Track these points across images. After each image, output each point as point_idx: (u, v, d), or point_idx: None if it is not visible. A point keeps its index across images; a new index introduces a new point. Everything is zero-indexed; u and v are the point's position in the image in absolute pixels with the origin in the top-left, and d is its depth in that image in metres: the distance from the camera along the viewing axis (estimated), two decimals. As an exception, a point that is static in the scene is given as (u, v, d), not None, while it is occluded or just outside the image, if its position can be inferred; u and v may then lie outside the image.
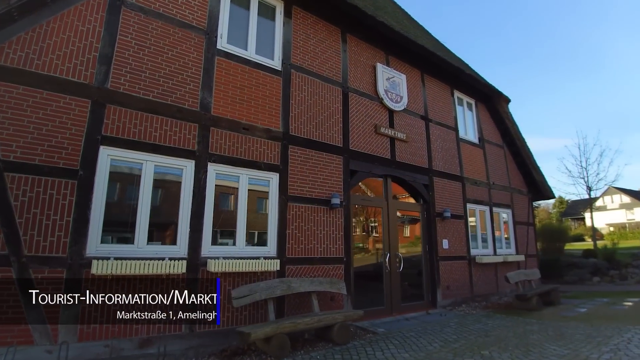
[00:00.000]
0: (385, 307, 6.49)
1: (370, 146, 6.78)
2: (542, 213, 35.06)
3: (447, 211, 7.71)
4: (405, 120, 7.59)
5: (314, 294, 5.19)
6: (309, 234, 5.59)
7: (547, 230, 14.27)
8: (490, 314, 6.73)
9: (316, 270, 5.58)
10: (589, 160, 16.43)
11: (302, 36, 6.25)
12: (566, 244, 14.21)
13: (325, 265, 5.69)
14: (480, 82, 9.17)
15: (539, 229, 14.96)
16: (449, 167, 8.32)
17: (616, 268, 11.58)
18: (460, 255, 8.02)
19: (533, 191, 10.80)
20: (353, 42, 7.03)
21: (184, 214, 4.65)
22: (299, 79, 6.02)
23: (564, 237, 13.92)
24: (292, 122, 5.77)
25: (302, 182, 5.68)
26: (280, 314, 5.09)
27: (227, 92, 5.23)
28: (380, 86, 7.11)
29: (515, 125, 10.13)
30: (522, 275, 7.69)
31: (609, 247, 12.95)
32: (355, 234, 6.82)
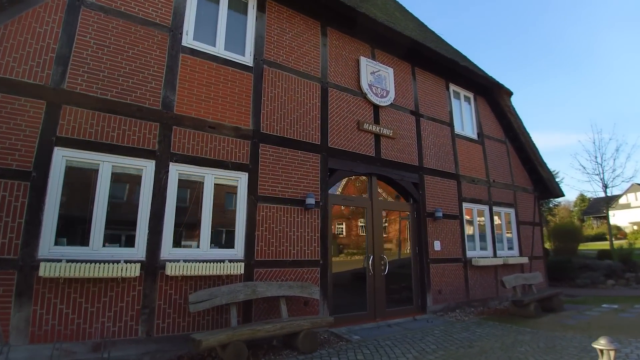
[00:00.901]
0: (368, 312, 6.13)
1: (352, 143, 6.43)
2: (563, 211, 33.24)
3: (439, 211, 7.24)
4: (392, 115, 7.18)
5: (282, 299, 4.91)
6: (280, 236, 5.31)
7: (560, 230, 13.37)
8: (483, 321, 6.24)
9: (288, 274, 5.29)
10: (605, 155, 15.41)
11: (276, 31, 5.98)
12: (580, 244, 13.25)
13: (298, 268, 5.40)
14: (478, 74, 8.62)
15: (551, 228, 14.10)
16: (442, 165, 7.83)
17: (632, 270, 10.67)
18: (455, 258, 7.53)
19: (540, 189, 10.09)
20: (334, 36, 6.69)
21: (143, 216, 4.47)
22: (273, 74, 5.75)
23: (577, 237, 12.99)
24: (263, 120, 5.51)
25: (274, 181, 5.41)
26: (247, 319, 4.85)
27: (192, 90, 5.03)
28: (363, 81, 6.74)
29: (518, 119, 9.48)
30: (521, 279, 7.12)
31: (625, 247, 11.94)
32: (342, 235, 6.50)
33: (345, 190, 6.85)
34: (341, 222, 6.72)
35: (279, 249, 5.28)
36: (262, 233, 5.18)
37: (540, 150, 9.71)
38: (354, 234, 6.71)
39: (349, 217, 6.78)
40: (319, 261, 5.59)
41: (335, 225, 6.38)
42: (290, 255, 5.35)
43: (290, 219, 5.45)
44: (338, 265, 6.22)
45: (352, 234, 6.70)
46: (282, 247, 5.31)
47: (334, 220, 6.31)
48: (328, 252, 5.76)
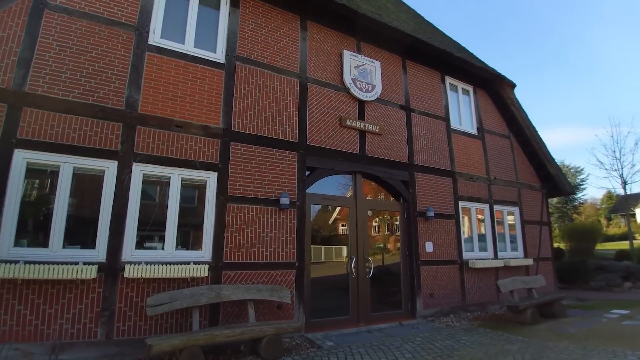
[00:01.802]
0: (351, 316, 5.80)
1: (333, 140, 6.12)
2: (589, 209, 31.34)
3: (431, 210, 6.80)
4: (378, 111, 6.81)
5: (250, 303, 4.68)
6: (252, 237, 5.09)
7: (574, 229, 12.43)
8: (474, 328, 5.77)
9: (261, 276, 5.06)
10: (623, 150, 14.30)
11: (251, 26, 5.76)
12: (596, 244, 12.27)
13: (272, 270, 5.16)
14: (475, 65, 8.07)
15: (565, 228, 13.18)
16: (435, 161, 7.37)
17: None
18: (449, 259, 7.06)
19: (548, 186, 9.38)
20: (315, 30, 6.40)
21: (104, 217, 4.36)
22: (246, 71, 5.54)
23: (594, 237, 12.03)
24: (235, 118, 5.30)
25: (245, 181, 5.19)
26: (214, 323, 4.66)
27: (158, 88, 4.88)
28: (346, 75, 6.42)
29: (522, 112, 8.83)
30: (519, 283, 6.57)
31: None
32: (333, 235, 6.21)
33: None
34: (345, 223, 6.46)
35: (250, 251, 5.05)
36: (232, 234, 4.97)
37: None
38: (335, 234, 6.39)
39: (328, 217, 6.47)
40: (294, 263, 5.33)
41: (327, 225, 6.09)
42: (262, 257, 5.12)
43: (263, 220, 5.21)
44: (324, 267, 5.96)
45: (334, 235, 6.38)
46: (254, 249, 5.08)
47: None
48: (305, 253, 5.48)
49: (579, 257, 10.73)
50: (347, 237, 6.13)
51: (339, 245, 6.46)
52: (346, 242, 6.17)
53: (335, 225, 6.63)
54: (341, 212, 6.54)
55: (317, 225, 6.29)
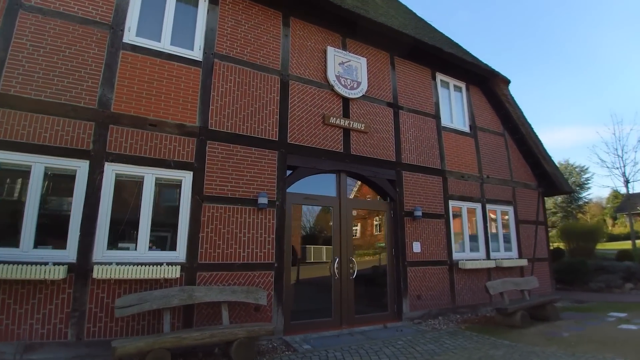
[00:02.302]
0: (333, 319, 5.68)
1: (316, 139, 6.00)
2: (595, 209, 30.66)
3: (418, 210, 6.64)
4: (364, 108, 6.66)
5: (224, 305, 4.59)
6: (228, 238, 5.00)
7: (575, 229, 12.10)
8: (460, 331, 5.61)
9: (237, 278, 4.97)
10: (625, 148, 13.87)
11: (231, 22, 5.67)
12: (597, 244, 11.92)
13: (249, 272, 5.06)
14: (466, 61, 7.87)
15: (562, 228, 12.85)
16: (425, 160, 7.20)
17: None
18: (439, 260, 6.89)
19: (545, 185, 9.12)
20: (298, 26, 6.29)
21: (75, 217, 4.31)
22: (224, 68, 5.45)
23: (594, 236, 11.69)
24: (212, 116, 5.22)
25: (223, 180, 5.10)
26: (188, 324, 4.59)
27: (132, 87, 4.82)
28: (330, 72, 6.29)
29: (517, 109, 8.60)
30: (510, 284, 6.37)
31: None
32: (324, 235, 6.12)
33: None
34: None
35: (227, 252, 4.96)
36: (208, 235, 4.88)
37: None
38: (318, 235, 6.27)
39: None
40: (273, 264, 5.22)
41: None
42: (239, 258, 5.03)
43: (240, 220, 5.12)
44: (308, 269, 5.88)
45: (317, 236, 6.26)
46: (230, 250, 4.99)
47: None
48: (285, 254, 5.37)
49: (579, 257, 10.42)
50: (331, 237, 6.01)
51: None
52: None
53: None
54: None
55: (319, 226, 6.32)
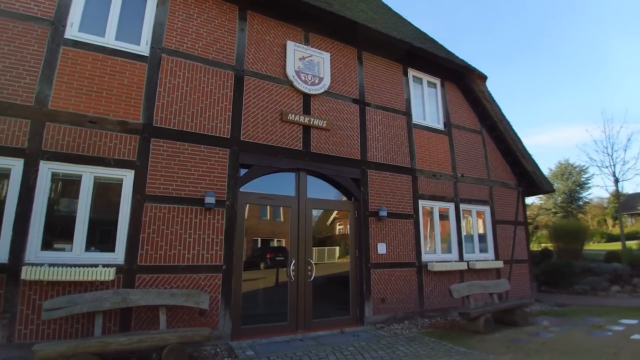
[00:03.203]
0: (289, 323, 5.48)
1: (273, 136, 5.81)
2: (595, 209, 30.09)
3: (383, 210, 6.42)
4: (327, 104, 6.46)
5: (162, 309, 4.42)
6: (172, 239, 4.82)
7: (562, 229, 11.76)
8: (421, 336, 5.38)
9: (181, 280, 4.79)
10: (615, 146, 13.67)
11: (182, 17, 5.51)
12: (584, 244, 11.59)
13: (194, 274, 4.88)
14: (439, 56, 7.64)
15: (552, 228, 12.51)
16: (393, 158, 6.98)
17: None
18: (406, 262, 6.66)
19: (525, 184, 8.84)
20: (256, 20, 6.11)
21: (8, 217, 4.16)
22: (173, 63, 5.28)
23: (582, 236, 11.35)
24: (157, 113, 5.05)
25: (167, 179, 4.93)
26: (125, 328, 4.43)
27: (72, 83, 4.67)
28: (289, 67, 6.10)
29: (495, 105, 8.35)
30: (477, 288, 6.12)
31: (635, 248, 10.19)
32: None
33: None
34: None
35: (170, 253, 4.78)
36: (149, 235, 4.71)
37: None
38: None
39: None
40: (221, 266, 5.03)
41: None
42: (184, 260, 4.84)
43: (186, 220, 4.94)
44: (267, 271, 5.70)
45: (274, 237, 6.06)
46: (174, 251, 4.81)
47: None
48: (234, 256, 5.17)
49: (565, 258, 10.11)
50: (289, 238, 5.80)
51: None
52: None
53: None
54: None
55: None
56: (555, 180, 29.94)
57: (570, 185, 29.08)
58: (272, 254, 5.86)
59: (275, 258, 5.79)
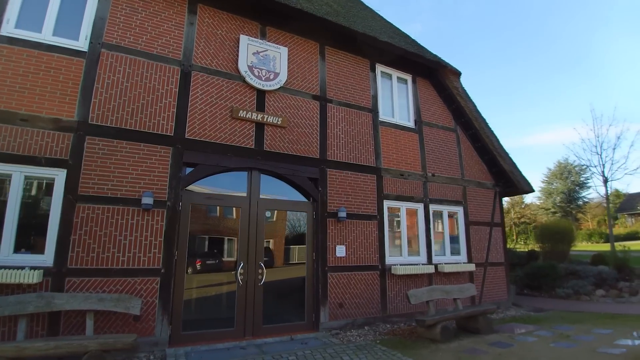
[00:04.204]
0: (236, 329, 5.29)
1: (221, 134, 5.63)
2: (595, 209, 29.39)
3: (342, 210, 6.20)
4: (283, 101, 6.27)
5: (90, 313, 4.27)
6: (105, 241, 4.66)
7: (548, 230, 11.38)
8: (374, 344, 5.15)
9: (115, 284, 4.63)
10: (604, 145, 13.37)
11: (125, 10, 5.37)
12: (571, 246, 11.21)
13: (130, 278, 4.72)
14: (408, 51, 7.41)
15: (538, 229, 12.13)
16: (356, 157, 6.76)
17: (628, 278, 8.69)
18: (368, 265, 6.44)
19: (503, 184, 8.55)
20: (207, 13, 5.95)
21: None
22: (113, 58, 5.14)
23: (568, 237, 10.97)
24: (94, 110, 4.91)
25: (102, 178, 4.78)
26: (53, 333, 4.30)
27: (5, 81, 4.58)
28: (242, 62, 5.93)
29: (469, 102, 8.09)
30: (438, 293, 5.86)
31: (622, 250, 9.78)
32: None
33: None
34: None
35: (103, 256, 4.63)
36: (81, 237, 4.56)
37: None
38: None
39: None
40: (159, 270, 4.87)
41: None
42: (118, 263, 4.68)
43: (121, 222, 4.78)
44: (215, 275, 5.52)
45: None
46: (108, 254, 4.65)
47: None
48: (176, 258, 5.00)
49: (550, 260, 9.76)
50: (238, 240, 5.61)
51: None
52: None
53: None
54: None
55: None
56: (554, 180, 29.37)
57: (570, 185, 28.49)
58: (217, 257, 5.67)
59: (222, 261, 5.60)
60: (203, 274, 5.49)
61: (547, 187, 31.60)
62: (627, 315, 6.74)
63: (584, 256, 11.20)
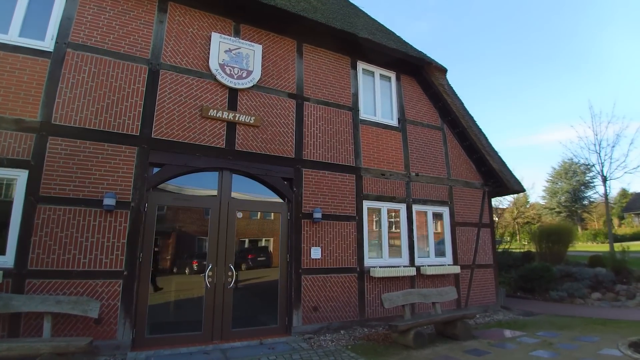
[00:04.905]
0: (203, 332, 5.21)
1: (190, 133, 5.56)
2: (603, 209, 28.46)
3: (318, 211, 6.08)
4: (257, 99, 6.17)
5: (48, 315, 4.23)
6: (66, 242, 4.63)
7: (546, 231, 11.01)
8: (342, 351, 5.03)
9: (76, 286, 4.59)
10: (602, 143, 12.91)
11: (93, 9, 5.35)
12: (569, 247, 10.82)
13: (91, 280, 4.67)
14: (389, 47, 7.24)
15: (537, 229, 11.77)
16: (334, 156, 6.63)
17: (625, 281, 8.32)
18: (345, 267, 6.29)
19: (492, 184, 8.29)
20: (178, 11, 5.90)
21: None
22: (78, 58, 5.12)
23: (565, 238, 10.59)
24: (58, 110, 4.89)
25: (64, 179, 4.75)
26: (14, 334, 4.29)
27: (-35, 81, 4.54)
28: (213, 60, 5.86)
29: (456, 99, 7.88)
30: (415, 297, 5.69)
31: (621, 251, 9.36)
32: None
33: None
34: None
35: (64, 258, 4.59)
36: (42, 239, 4.54)
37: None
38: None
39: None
40: (122, 272, 4.81)
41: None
42: (79, 265, 4.64)
43: (83, 223, 4.74)
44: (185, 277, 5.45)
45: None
46: (69, 255, 4.62)
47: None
48: (140, 260, 4.94)
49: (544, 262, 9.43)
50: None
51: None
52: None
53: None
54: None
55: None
56: (559, 179, 28.59)
57: (575, 184, 27.71)
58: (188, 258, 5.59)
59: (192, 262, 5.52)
60: (171, 275, 5.42)
61: (552, 186, 30.87)
62: (620, 320, 6.44)
63: (584, 257, 10.82)
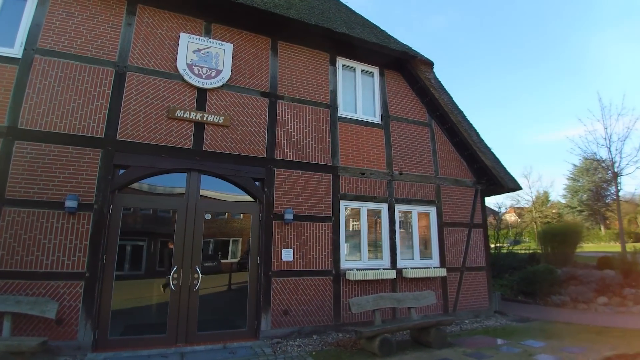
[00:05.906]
0: (167, 335, 5.20)
1: (156, 135, 5.59)
2: (627, 207, 26.55)
3: (289, 212, 5.95)
4: (227, 99, 6.12)
5: (7, 316, 4.33)
6: (30, 244, 4.75)
7: (553, 231, 10.29)
8: (302, 357, 4.90)
9: (39, 287, 4.70)
10: (612, 137, 11.92)
11: (61, 15, 5.48)
12: (577, 247, 10.07)
13: (53, 281, 4.77)
14: (369, 42, 7.01)
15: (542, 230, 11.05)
16: (309, 155, 6.48)
17: (635, 285, 7.63)
18: (320, 270, 6.14)
19: (486, 181, 7.84)
20: (147, 13, 5.95)
21: None
22: (45, 63, 5.25)
23: (572, 239, 9.85)
24: (24, 114, 5.03)
25: (29, 182, 4.87)
26: (-27, 337, 4.35)
27: None
28: (180, 60, 5.87)
29: (444, 94, 7.53)
30: (388, 301, 5.43)
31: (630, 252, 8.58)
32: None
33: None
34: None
35: (27, 259, 4.71)
36: (6, 240, 4.69)
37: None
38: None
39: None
40: (84, 274, 4.88)
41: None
42: (42, 266, 4.75)
43: (46, 225, 4.84)
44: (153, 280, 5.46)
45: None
46: (32, 257, 4.73)
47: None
48: (103, 262, 4.98)
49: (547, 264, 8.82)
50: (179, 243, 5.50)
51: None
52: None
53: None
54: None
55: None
56: (581, 177, 26.93)
57: (597, 182, 25.98)
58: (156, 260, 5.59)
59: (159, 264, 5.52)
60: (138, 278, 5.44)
61: (573, 184, 29.11)
62: (616, 329, 5.93)
63: (587, 258, 10.07)
